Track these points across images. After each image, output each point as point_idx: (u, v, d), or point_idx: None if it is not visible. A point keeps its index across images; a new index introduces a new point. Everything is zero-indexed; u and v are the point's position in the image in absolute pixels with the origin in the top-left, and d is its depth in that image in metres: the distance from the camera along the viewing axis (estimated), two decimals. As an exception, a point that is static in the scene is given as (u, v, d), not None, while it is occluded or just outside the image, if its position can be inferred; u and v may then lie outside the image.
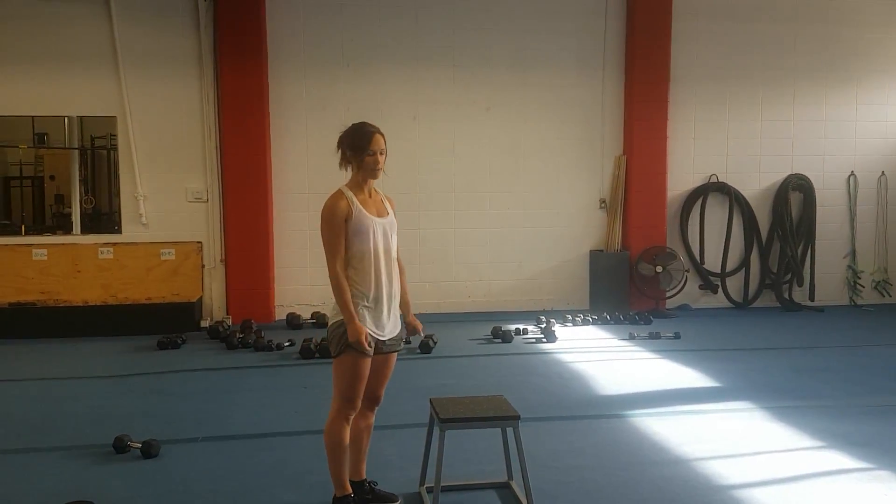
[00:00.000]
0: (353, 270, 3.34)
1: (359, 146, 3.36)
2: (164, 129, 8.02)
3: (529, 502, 3.42)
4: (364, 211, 3.36)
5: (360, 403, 3.40)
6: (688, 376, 5.98)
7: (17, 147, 8.59)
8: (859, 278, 9.18)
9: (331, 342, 3.37)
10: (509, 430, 3.57)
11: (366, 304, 3.34)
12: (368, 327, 3.32)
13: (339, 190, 3.40)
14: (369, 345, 3.29)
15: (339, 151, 3.44)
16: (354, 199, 3.36)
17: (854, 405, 5.12)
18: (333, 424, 3.35)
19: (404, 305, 3.57)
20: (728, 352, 6.76)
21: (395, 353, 3.53)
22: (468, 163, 8.54)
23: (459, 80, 8.45)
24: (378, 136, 3.38)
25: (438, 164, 8.47)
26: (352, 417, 3.39)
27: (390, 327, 3.43)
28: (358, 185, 3.42)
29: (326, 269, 3.34)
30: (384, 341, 3.42)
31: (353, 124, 3.45)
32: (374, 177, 3.42)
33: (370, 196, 3.43)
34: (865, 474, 3.94)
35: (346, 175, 3.49)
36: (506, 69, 8.50)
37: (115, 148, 8.17)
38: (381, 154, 3.39)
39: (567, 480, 3.85)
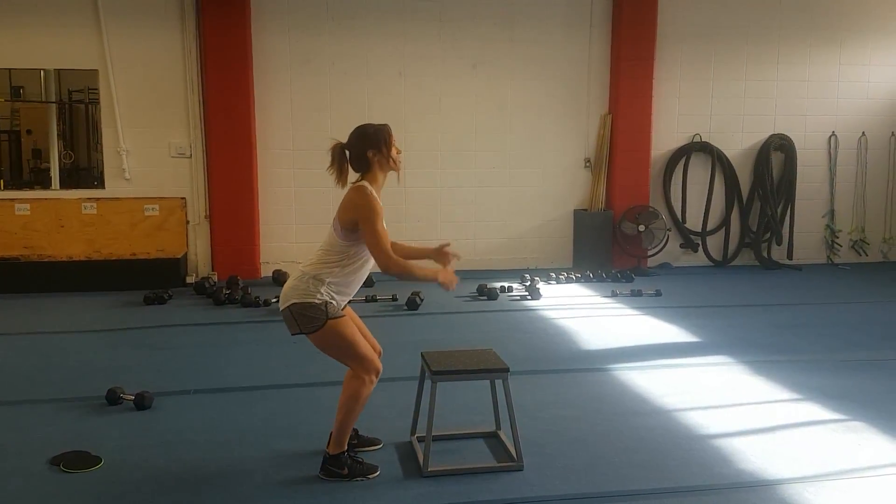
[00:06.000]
0: (349, 271, 3.33)
1: (387, 142, 3.33)
2: (147, 83, 7.89)
3: (518, 450, 3.53)
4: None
5: (373, 355, 3.40)
6: (669, 332, 6.11)
7: (-7, 100, 8.46)
8: (837, 237, 9.35)
9: (302, 323, 3.26)
10: (498, 383, 3.67)
11: (341, 293, 3.34)
12: (342, 303, 3.35)
13: (368, 188, 3.28)
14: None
15: (365, 156, 3.31)
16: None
17: (829, 360, 5.28)
18: (356, 384, 3.31)
19: None
20: (708, 308, 6.90)
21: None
22: (454, 120, 8.51)
23: (446, 35, 8.37)
24: None
25: (424, 121, 8.43)
26: (375, 376, 3.35)
27: None
28: (378, 186, 3.35)
29: (370, 254, 3.31)
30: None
31: (366, 126, 3.37)
32: (398, 169, 3.41)
33: None
34: (840, 425, 4.08)
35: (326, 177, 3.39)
36: (493, 25, 8.43)
37: (93, 102, 8.05)
38: None
39: (553, 430, 3.96)
